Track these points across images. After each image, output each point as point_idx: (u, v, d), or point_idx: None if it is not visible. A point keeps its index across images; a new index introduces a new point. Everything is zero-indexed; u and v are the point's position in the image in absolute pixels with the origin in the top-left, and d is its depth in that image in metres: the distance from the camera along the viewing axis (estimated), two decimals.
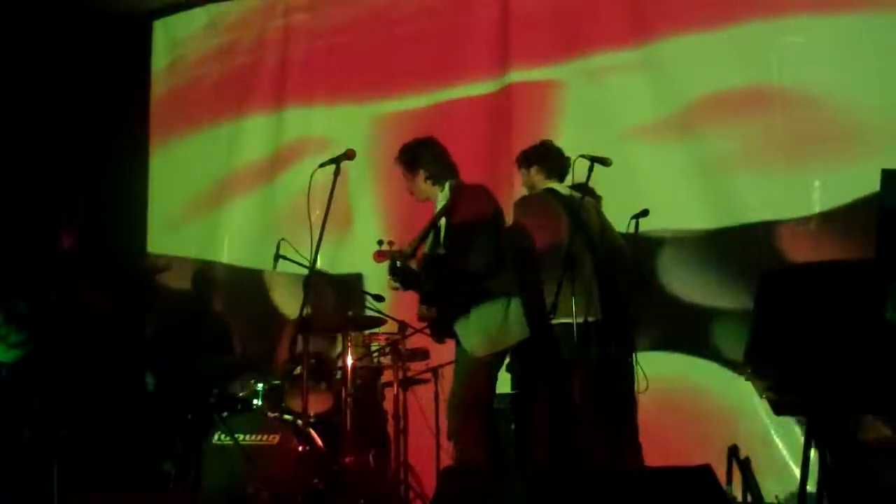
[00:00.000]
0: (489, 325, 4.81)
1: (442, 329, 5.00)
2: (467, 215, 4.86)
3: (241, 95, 7.58)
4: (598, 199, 5.51)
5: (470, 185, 5.10)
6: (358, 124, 7.05)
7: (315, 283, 4.83)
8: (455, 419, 4.87)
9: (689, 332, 6.00)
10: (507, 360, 5.03)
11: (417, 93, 6.96)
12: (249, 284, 7.41)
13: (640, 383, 5.11)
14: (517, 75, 6.62)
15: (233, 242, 7.51)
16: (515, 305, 4.86)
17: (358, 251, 6.95)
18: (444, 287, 4.85)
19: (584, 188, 5.19)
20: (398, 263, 4.90)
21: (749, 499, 4.54)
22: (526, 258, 5.08)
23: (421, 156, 5.07)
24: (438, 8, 7.01)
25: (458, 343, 4.91)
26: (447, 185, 5.03)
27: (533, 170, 5.38)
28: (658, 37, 6.24)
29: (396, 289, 4.98)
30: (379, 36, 7.15)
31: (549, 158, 5.35)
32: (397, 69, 7.05)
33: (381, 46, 7.13)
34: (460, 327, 4.84)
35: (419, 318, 5.04)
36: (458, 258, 4.81)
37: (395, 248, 5.06)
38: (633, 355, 5.18)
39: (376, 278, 6.61)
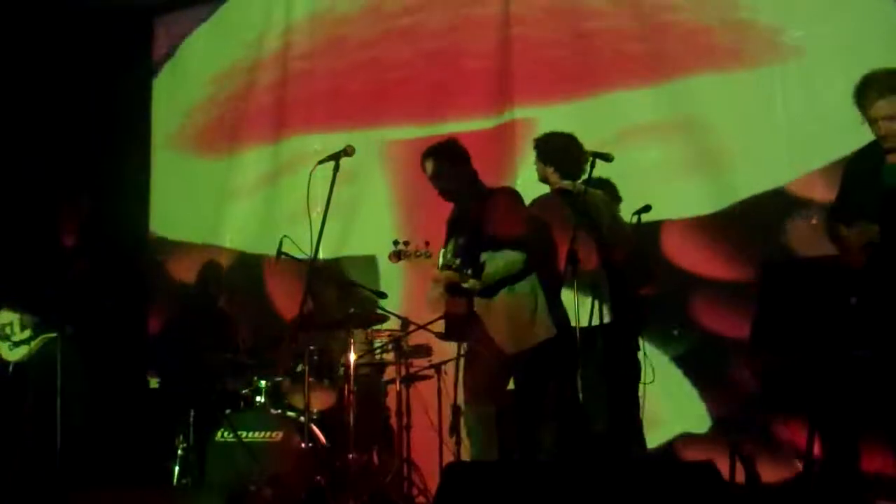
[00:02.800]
0: (519, 324, 4.88)
1: (460, 330, 5.01)
2: (503, 219, 4.92)
3: (239, 132, 7.60)
4: (611, 194, 5.51)
5: (500, 187, 5.18)
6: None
7: (317, 278, 4.84)
8: (474, 415, 4.88)
9: None
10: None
11: (415, 126, 6.90)
12: (252, 276, 7.39)
13: (646, 375, 5.16)
14: (521, 111, 6.60)
15: (235, 234, 7.49)
16: (542, 303, 4.92)
17: (370, 234, 6.95)
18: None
19: (599, 184, 5.21)
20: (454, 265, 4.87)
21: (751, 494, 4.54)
22: (547, 258, 5.09)
23: (463, 152, 5.11)
24: (438, 48, 6.97)
25: (478, 340, 4.93)
26: (478, 185, 5.10)
27: (549, 169, 5.36)
28: (675, 76, 6.22)
29: (440, 281, 4.97)
30: (377, 74, 7.13)
31: (567, 161, 5.29)
32: (395, 106, 7.03)
33: (378, 84, 7.11)
34: (491, 325, 4.90)
35: (446, 317, 5.05)
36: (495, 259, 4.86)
37: (410, 248, 5.05)
38: (641, 349, 5.22)
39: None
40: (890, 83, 4.12)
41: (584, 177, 4.97)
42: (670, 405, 5.85)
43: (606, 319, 5.00)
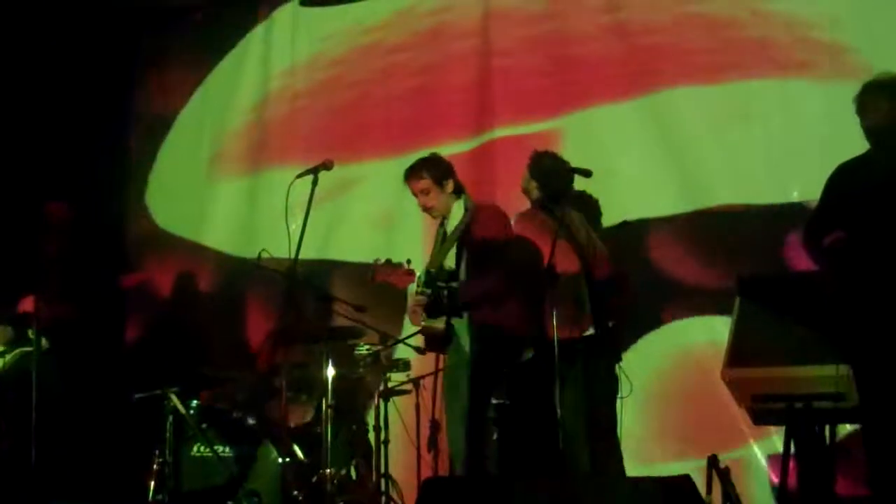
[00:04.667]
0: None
1: (440, 343, 5.01)
2: (488, 236, 4.93)
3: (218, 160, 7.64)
4: (591, 210, 5.55)
5: (485, 204, 5.19)
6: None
7: (295, 292, 4.84)
8: (456, 429, 4.87)
9: None
10: None
11: (391, 155, 6.85)
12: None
13: (623, 388, 5.18)
14: (501, 131, 6.61)
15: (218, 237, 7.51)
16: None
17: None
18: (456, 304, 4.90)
19: (580, 199, 5.24)
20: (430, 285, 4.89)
21: None
22: (528, 272, 5.10)
23: (448, 168, 5.11)
24: (416, 72, 6.96)
25: (456, 354, 4.93)
26: (462, 199, 5.10)
27: (534, 184, 5.42)
28: (654, 88, 6.24)
29: (421, 303, 4.96)
30: (355, 112, 7.14)
31: (551, 183, 5.32)
32: (372, 131, 7.03)
33: (355, 110, 7.13)
34: (464, 334, 4.89)
35: (423, 333, 5.05)
36: (477, 278, 4.88)
37: (389, 266, 5.10)
38: (619, 363, 5.24)
39: None
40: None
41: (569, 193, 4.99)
42: None
43: (589, 332, 5.02)
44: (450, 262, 5.08)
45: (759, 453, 5.66)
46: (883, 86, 4.10)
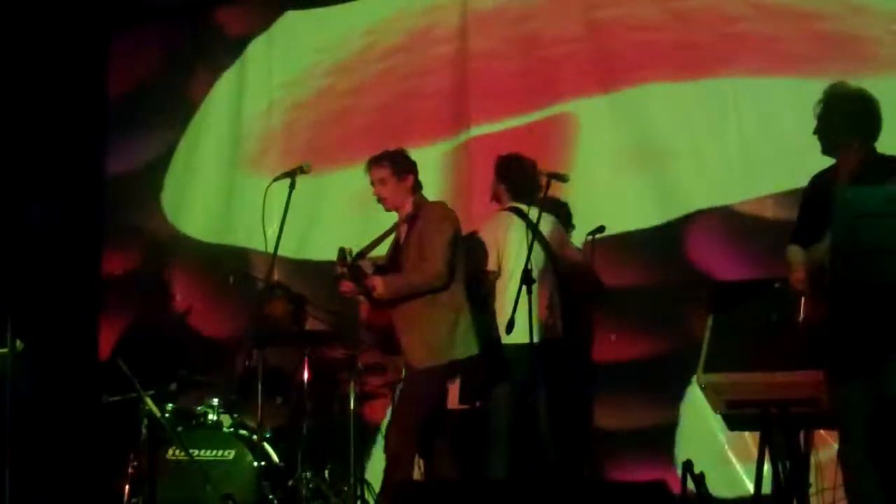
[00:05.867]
0: (434, 336, 4.83)
1: (390, 342, 5.01)
2: (430, 227, 4.90)
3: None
4: (559, 215, 5.56)
5: (433, 201, 5.18)
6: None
7: (269, 296, 4.84)
8: (395, 438, 4.88)
9: None
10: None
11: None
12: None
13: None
14: (477, 130, 6.60)
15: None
16: (465, 321, 4.87)
17: None
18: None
19: (555, 206, 5.26)
20: (348, 257, 4.88)
21: None
22: (479, 275, 5.11)
23: (411, 164, 5.11)
24: (395, 78, 6.96)
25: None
26: (415, 197, 5.10)
27: (502, 187, 5.44)
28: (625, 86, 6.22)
29: (342, 275, 4.93)
30: (329, 122, 7.15)
31: (518, 184, 5.41)
32: (347, 141, 7.00)
33: (330, 119, 7.13)
34: (404, 338, 4.87)
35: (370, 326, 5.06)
36: (413, 267, 4.86)
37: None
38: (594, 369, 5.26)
39: None
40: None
41: (540, 195, 5.00)
42: None
43: (560, 338, 5.03)
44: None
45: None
46: (835, 96, 4.12)
